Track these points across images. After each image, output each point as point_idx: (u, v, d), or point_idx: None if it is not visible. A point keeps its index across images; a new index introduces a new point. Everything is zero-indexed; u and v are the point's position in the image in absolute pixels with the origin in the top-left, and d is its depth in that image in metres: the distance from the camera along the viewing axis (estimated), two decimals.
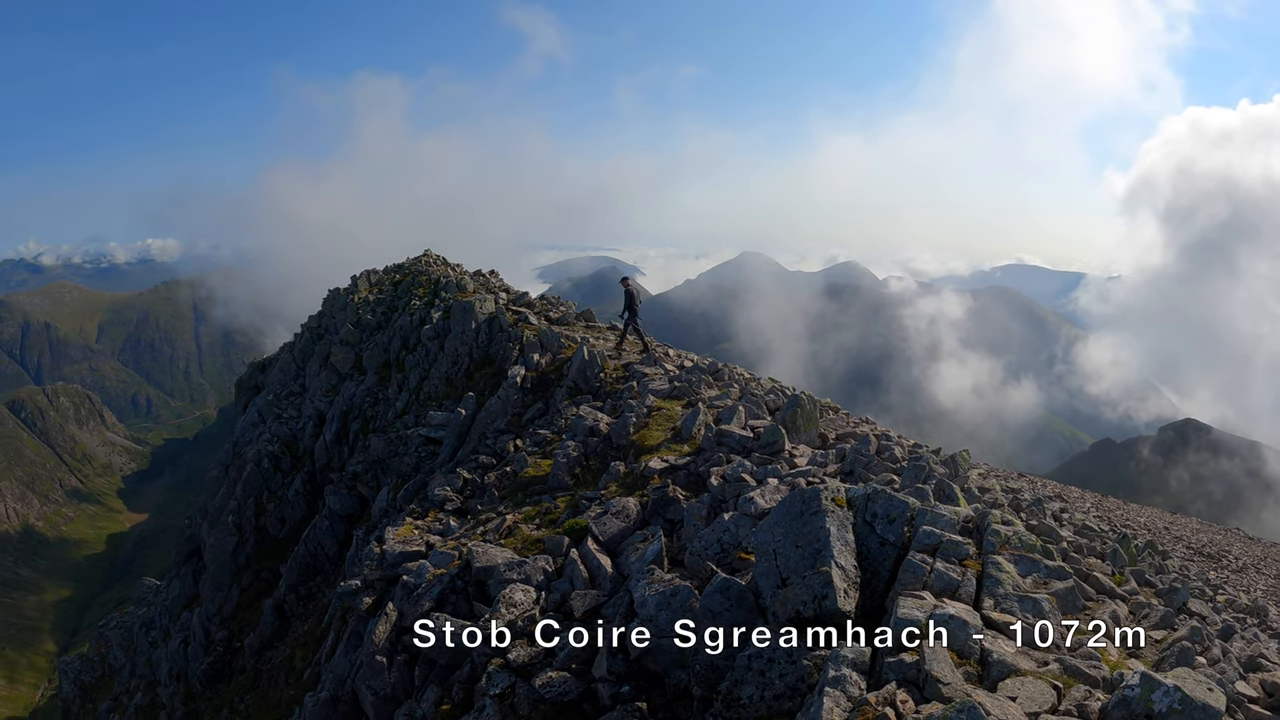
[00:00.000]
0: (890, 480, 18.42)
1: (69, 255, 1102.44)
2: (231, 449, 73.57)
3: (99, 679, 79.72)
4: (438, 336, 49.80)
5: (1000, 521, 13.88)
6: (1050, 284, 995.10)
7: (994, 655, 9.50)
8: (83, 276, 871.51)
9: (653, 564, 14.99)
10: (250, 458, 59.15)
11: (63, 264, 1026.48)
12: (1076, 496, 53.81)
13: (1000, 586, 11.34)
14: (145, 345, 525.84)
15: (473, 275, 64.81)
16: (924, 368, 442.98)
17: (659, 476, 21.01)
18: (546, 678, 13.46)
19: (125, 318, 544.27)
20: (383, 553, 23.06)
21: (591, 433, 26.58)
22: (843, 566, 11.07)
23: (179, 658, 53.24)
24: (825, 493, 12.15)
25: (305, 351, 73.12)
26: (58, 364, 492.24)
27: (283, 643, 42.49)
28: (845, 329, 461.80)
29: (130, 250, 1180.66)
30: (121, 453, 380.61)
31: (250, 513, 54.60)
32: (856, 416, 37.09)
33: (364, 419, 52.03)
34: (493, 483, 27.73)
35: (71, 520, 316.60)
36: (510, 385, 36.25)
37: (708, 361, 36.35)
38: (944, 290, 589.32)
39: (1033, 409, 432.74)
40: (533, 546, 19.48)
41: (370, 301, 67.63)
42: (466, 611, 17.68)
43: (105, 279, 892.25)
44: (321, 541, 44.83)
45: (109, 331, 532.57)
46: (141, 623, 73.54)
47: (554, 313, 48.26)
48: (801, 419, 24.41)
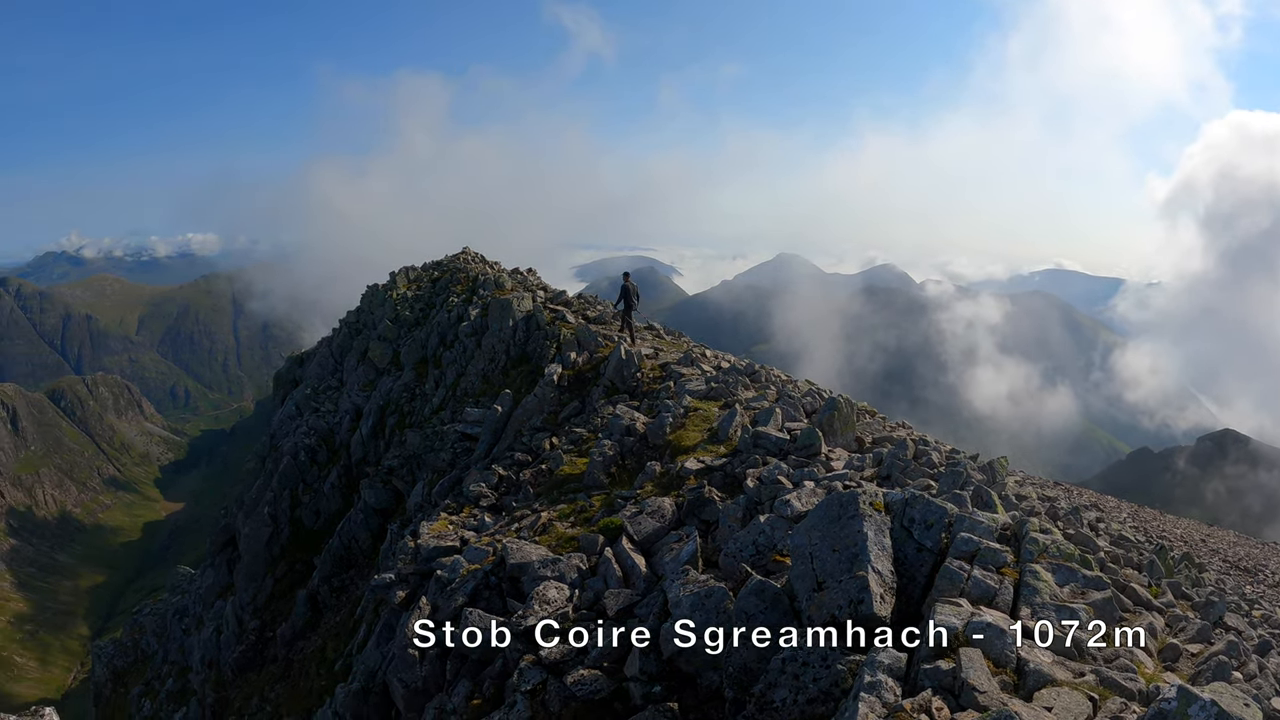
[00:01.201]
0: (927, 486, 18.29)
1: (110, 249, 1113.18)
2: (268, 441, 74.05)
3: (131, 664, 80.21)
4: (475, 334, 49.89)
5: (1038, 530, 13.77)
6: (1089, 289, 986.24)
7: (1030, 665, 9.45)
8: (123, 269, 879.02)
9: (687, 564, 14.99)
10: (287, 450, 59.48)
11: (104, 257, 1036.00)
12: (1113, 506, 53.38)
13: (1038, 595, 11.28)
14: (184, 338, 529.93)
15: (510, 273, 64.89)
16: (960, 373, 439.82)
17: (695, 477, 20.99)
18: (578, 675, 13.46)
19: (165, 310, 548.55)
20: (417, 547, 23.12)
21: (628, 432, 26.57)
22: (879, 571, 11.03)
23: (211, 645, 53.58)
24: (863, 497, 12.08)
25: (343, 346, 73.47)
26: (98, 355, 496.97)
27: (315, 633, 42.72)
28: (881, 332, 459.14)
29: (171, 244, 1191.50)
30: (159, 443, 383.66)
31: (286, 504, 54.91)
32: (892, 421, 36.96)
33: (400, 414, 52.22)
34: (528, 480, 27.77)
35: (108, 508, 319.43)
36: (547, 383, 36.27)
37: (745, 363, 36.31)
38: (981, 294, 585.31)
39: (1069, 416, 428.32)
40: (567, 544, 19.47)
41: (409, 298, 67.84)
42: (500, 608, 17.69)
43: (146, 272, 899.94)
44: (356, 534, 45.03)
45: (149, 324, 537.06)
46: (175, 610, 74.04)
47: (591, 312, 48.21)
48: (839, 422, 24.33)
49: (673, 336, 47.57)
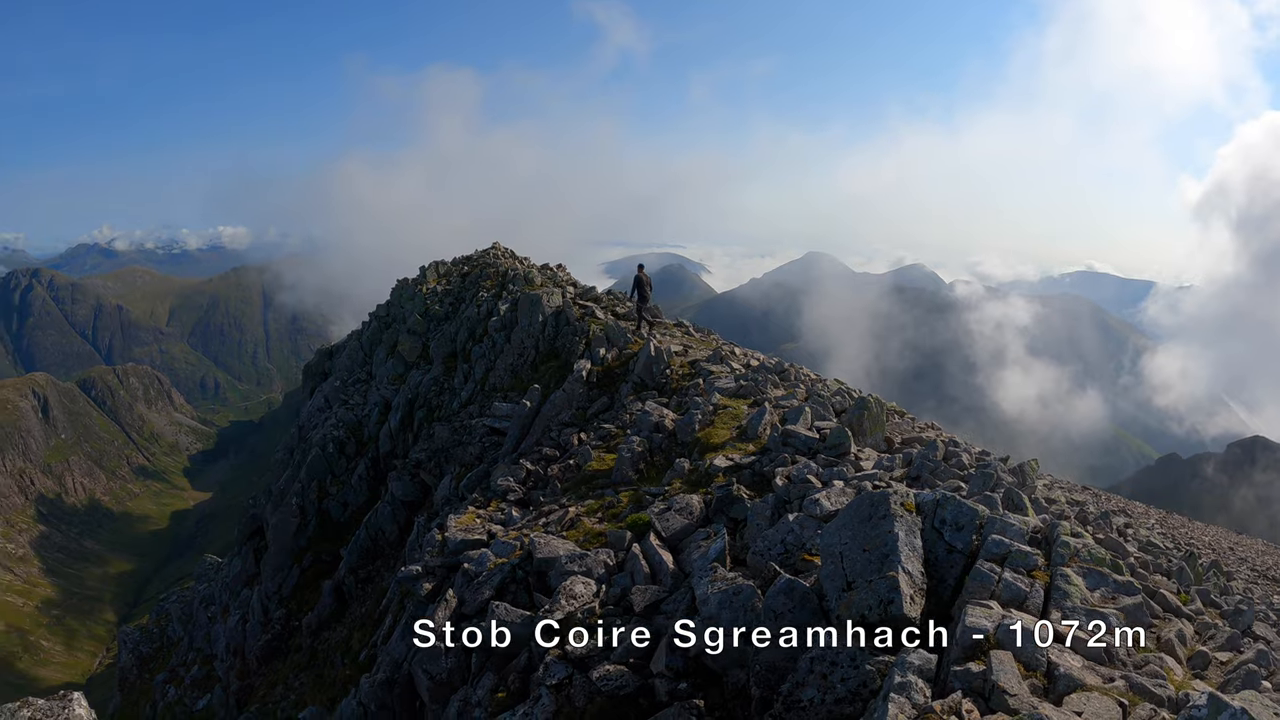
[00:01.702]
0: (957, 487, 18.22)
1: (142, 241, 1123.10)
2: (297, 433, 74.44)
3: (157, 650, 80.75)
4: (504, 328, 50.01)
5: (1070, 533, 13.70)
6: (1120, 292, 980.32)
7: (1061, 669, 9.40)
8: (155, 262, 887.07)
9: (715, 562, 14.94)
10: (316, 442, 59.82)
11: (135, 249, 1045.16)
12: (1140, 512, 53.09)
13: (1068, 599, 11.22)
14: (214, 330, 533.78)
15: (540, 269, 65.00)
16: (988, 374, 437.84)
17: (723, 475, 20.95)
18: (604, 670, 13.39)
19: (195, 302, 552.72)
20: (444, 540, 23.19)
21: (656, 428, 26.57)
22: (910, 572, 10.98)
23: (237, 634, 53.94)
24: (894, 497, 12.02)
25: (373, 340, 73.78)
26: (128, 345, 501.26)
27: (340, 624, 42.92)
28: (910, 332, 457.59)
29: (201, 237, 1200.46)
30: (188, 433, 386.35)
31: (313, 495, 55.20)
32: (922, 421, 36.86)
33: (429, 408, 52.42)
34: (556, 475, 27.82)
35: (137, 496, 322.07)
36: (576, 379, 36.31)
37: (774, 361, 36.27)
38: (1011, 295, 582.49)
39: (1098, 420, 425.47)
40: (594, 540, 19.48)
41: (438, 292, 68.07)
42: (526, 601, 17.76)
43: (177, 264, 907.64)
44: (383, 526, 45.21)
45: (179, 315, 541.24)
46: (201, 598, 74.49)
47: (620, 308, 48.23)
48: (868, 422, 24.27)
49: (702, 334, 47.55)
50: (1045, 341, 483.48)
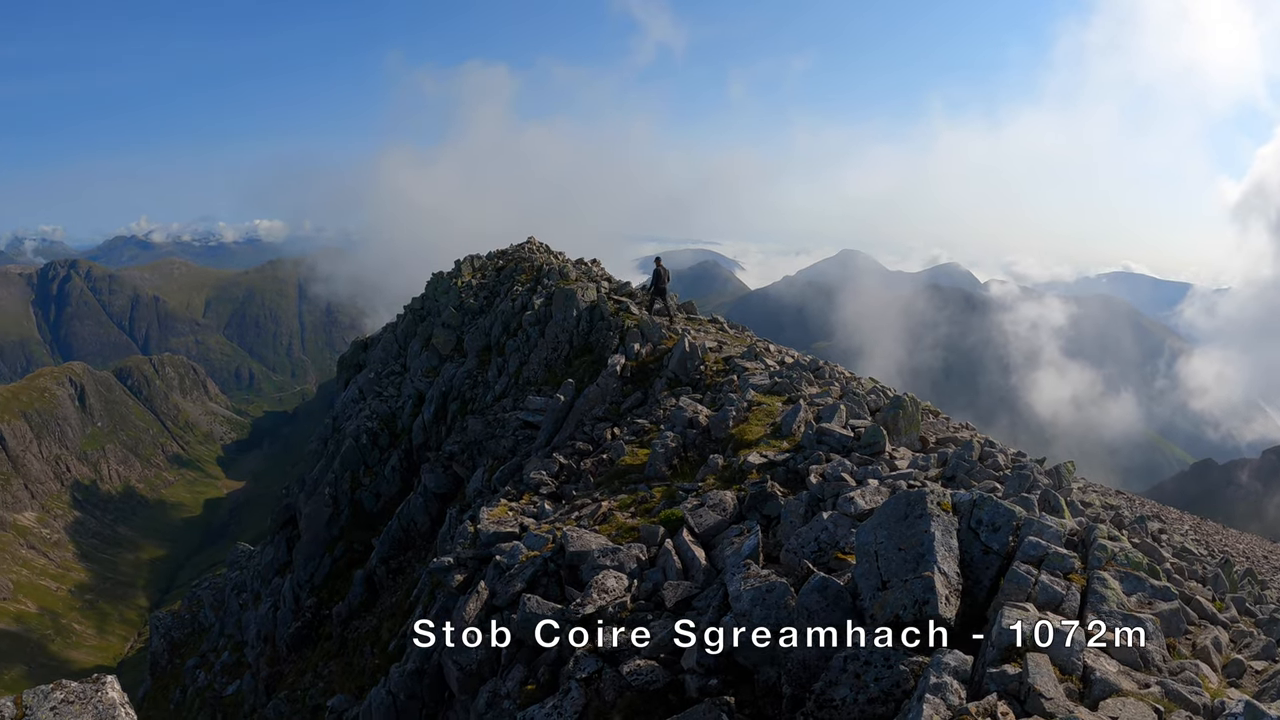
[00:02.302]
0: (993, 488, 18.08)
1: (179, 233, 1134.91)
2: (331, 424, 74.82)
3: (188, 636, 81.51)
4: (539, 323, 50.08)
5: (1107, 536, 13.60)
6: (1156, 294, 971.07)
7: (1096, 673, 9.33)
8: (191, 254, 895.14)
9: (749, 559, 14.92)
10: (349, 433, 60.15)
11: (172, 241, 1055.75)
12: (1175, 518, 52.72)
13: (1105, 603, 11.12)
14: (250, 321, 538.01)
15: (575, 263, 65.05)
16: (1022, 375, 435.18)
17: (757, 471, 20.89)
18: (634, 665, 13.43)
19: (231, 294, 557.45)
20: (477, 532, 23.25)
21: (690, 424, 26.54)
22: (945, 573, 10.92)
23: (268, 621, 54.33)
24: (931, 496, 11.95)
25: (407, 332, 74.05)
26: (165, 336, 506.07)
27: (370, 613, 43.12)
28: (943, 331, 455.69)
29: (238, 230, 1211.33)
30: (222, 422, 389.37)
31: (346, 486, 55.52)
32: (956, 421, 36.71)
33: (463, 400, 52.56)
34: (589, 469, 27.83)
35: (171, 484, 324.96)
36: (610, 373, 36.32)
37: (808, 359, 36.20)
38: (1046, 296, 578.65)
39: (1132, 424, 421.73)
40: (627, 534, 19.49)
41: (473, 286, 68.21)
42: (558, 595, 17.77)
43: (213, 257, 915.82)
44: (415, 517, 45.37)
45: (215, 307, 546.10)
46: (233, 585, 75.16)
47: (660, 304, 48.32)
48: (903, 421, 24.17)
49: (736, 330, 47.52)
50: (1080, 343, 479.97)
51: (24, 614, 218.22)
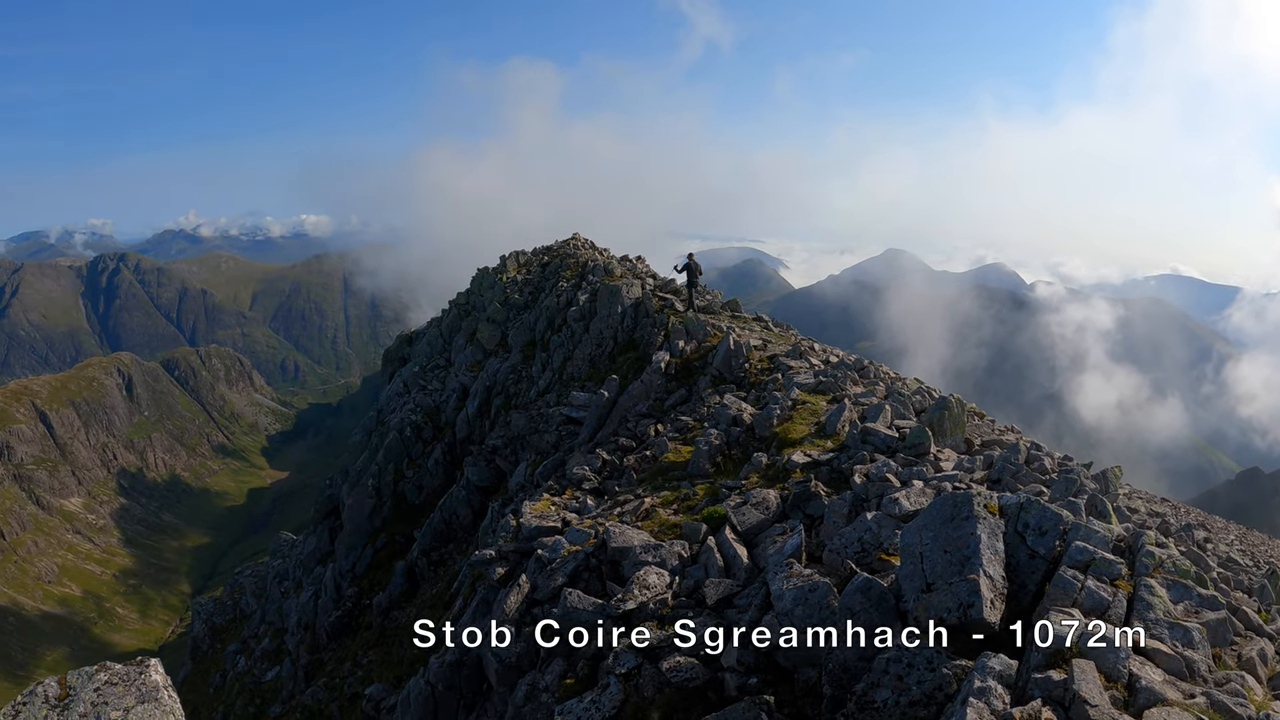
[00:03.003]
0: (1039, 492, 17.94)
1: (226, 228, 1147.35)
2: (376, 416, 75.31)
3: (229, 622, 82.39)
4: (583, 318, 50.14)
5: (1154, 543, 13.47)
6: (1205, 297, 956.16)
7: (1142, 681, 9.22)
8: (238, 248, 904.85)
9: (791, 558, 14.84)
10: (393, 426, 60.52)
11: (220, 236, 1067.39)
12: (1220, 527, 52.02)
13: (1151, 611, 10.99)
14: (295, 314, 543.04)
15: (620, 260, 65.06)
16: (1067, 378, 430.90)
17: (801, 470, 20.84)
18: (674, 662, 13.41)
19: (277, 288, 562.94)
20: (519, 526, 23.33)
21: (734, 422, 26.51)
22: (991, 576, 10.83)
23: (309, 609, 54.83)
24: (977, 498, 11.86)
25: (452, 327, 74.37)
26: (211, 328, 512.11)
27: (410, 604, 43.42)
28: (988, 333, 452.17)
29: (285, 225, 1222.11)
30: (267, 413, 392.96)
31: (390, 478, 55.87)
32: (1001, 424, 36.46)
33: (506, 395, 52.73)
34: (631, 465, 27.85)
35: (216, 473, 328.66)
36: (654, 370, 36.34)
37: (853, 358, 36.03)
38: (1093, 298, 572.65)
39: (1178, 430, 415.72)
40: (669, 531, 19.48)
41: (518, 281, 68.37)
42: (599, 590, 17.81)
43: (260, 251, 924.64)
44: (457, 510, 45.61)
45: (261, 300, 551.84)
46: (275, 573, 75.82)
47: (700, 301, 48.26)
48: (949, 422, 24.03)
49: (781, 329, 47.41)
50: (1127, 346, 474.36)
51: (68, 597, 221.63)
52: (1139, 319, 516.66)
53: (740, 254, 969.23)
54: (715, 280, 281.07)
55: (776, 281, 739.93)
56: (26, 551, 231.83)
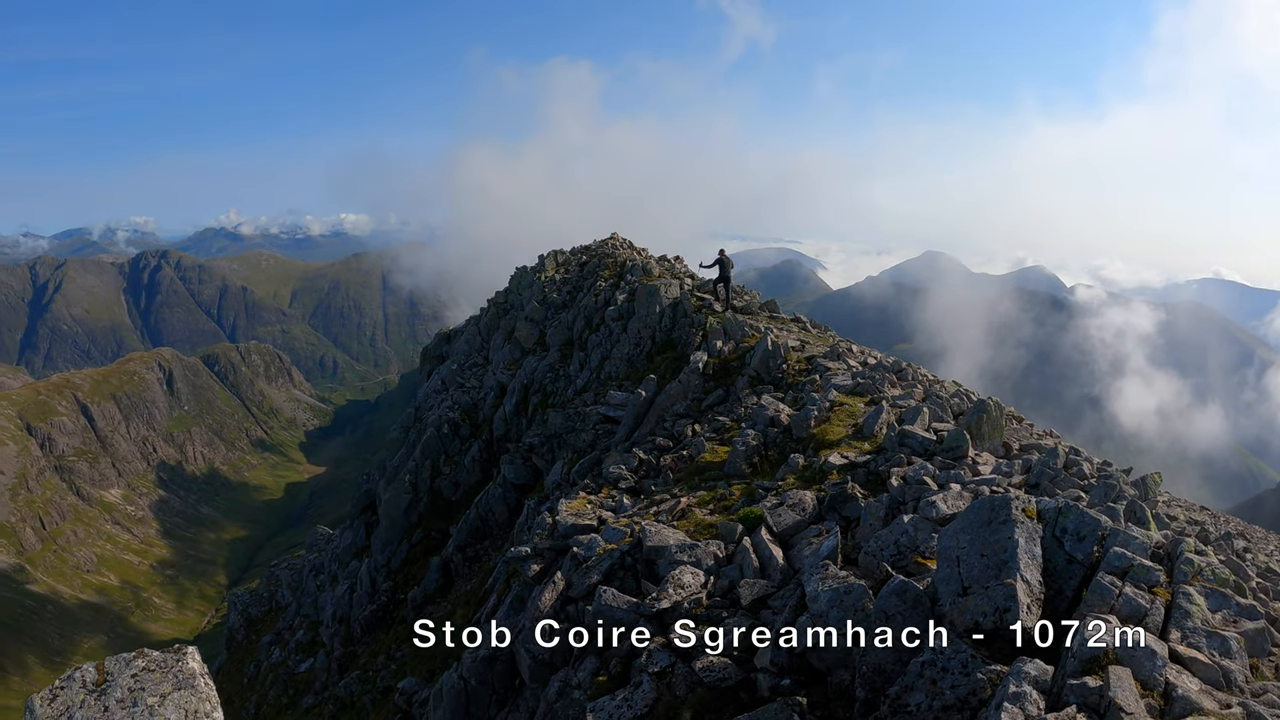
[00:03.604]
0: (1078, 497, 17.82)
1: (267, 226, 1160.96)
2: (413, 413, 75.67)
3: (265, 613, 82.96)
4: (621, 318, 50.20)
5: (1193, 550, 13.38)
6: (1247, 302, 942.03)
7: (1178, 690, 9.15)
8: (279, 246, 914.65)
9: (827, 559, 14.83)
10: (431, 422, 60.80)
11: (260, 234, 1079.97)
12: (1260, 536, 51.42)
13: (1189, 619, 10.91)
14: (335, 312, 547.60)
15: (658, 260, 65.04)
16: (1106, 383, 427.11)
17: (838, 472, 20.79)
18: (707, 661, 13.41)
19: (317, 285, 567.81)
20: (555, 523, 23.36)
21: (772, 423, 26.46)
22: (1028, 580, 10.78)
23: (344, 603, 55.29)
24: (1015, 502, 11.79)
25: (490, 325, 74.64)
26: (251, 324, 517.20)
27: (445, 599, 43.65)
28: (1027, 336, 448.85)
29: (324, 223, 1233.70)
30: (306, 409, 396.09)
31: (426, 474, 56.16)
32: (1040, 428, 36.25)
33: (544, 393, 52.87)
34: (668, 465, 27.85)
35: (254, 467, 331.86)
36: (692, 370, 36.33)
37: (891, 360, 35.90)
38: (1134, 301, 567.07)
39: (1218, 437, 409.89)
40: (705, 531, 19.46)
41: (556, 280, 68.52)
42: (634, 588, 17.83)
43: (299, 249, 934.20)
44: (493, 507, 45.76)
45: (301, 297, 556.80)
46: (311, 567, 76.36)
47: (738, 301, 48.18)
48: (987, 426, 23.93)
49: (819, 330, 47.31)
50: (1168, 352, 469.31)
51: (106, 586, 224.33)
52: (1180, 323, 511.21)
53: (778, 254, 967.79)
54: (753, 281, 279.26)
55: (814, 282, 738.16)
56: (66, 541, 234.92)
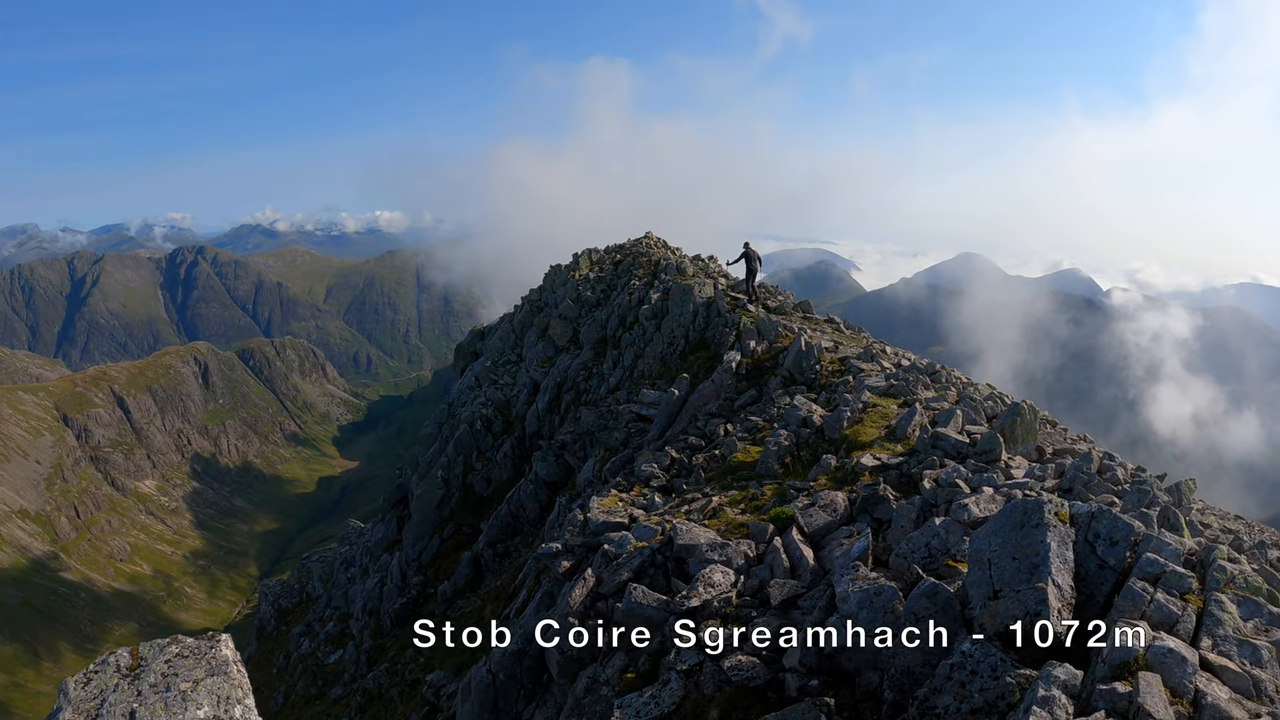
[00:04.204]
0: (1111, 502, 17.71)
1: (302, 223, 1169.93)
2: (447, 409, 75.98)
3: (295, 605, 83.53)
4: (655, 317, 50.23)
5: (1226, 558, 13.30)
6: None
7: (1208, 698, 9.11)
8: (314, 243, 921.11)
9: (858, 560, 14.82)
10: (464, 419, 61.03)
11: (296, 230, 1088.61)
12: None
13: (1220, 627, 10.85)
14: (369, 308, 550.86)
15: (692, 259, 65.02)
16: (1141, 389, 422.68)
17: (870, 474, 20.79)
18: (735, 660, 13.47)
19: (351, 282, 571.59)
20: (586, 520, 23.44)
21: (804, 423, 26.46)
22: (1059, 585, 10.76)
23: (374, 596, 55.63)
24: (1049, 506, 11.74)
25: (524, 323, 74.82)
26: (286, 320, 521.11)
27: (474, 594, 43.82)
28: (1061, 340, 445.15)
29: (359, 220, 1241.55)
30: (339, 404, 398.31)
31: (459, 470, 56.39)
32: (1073, 433, 36.06)
33: (577, 391, 52.97)
34: (700, 464, 27.89)
35: (287, 461, 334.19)
36: (725, 370, 36.34)
37: (924, 362, 35.77)
38: (1171, 306, 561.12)
39: (1254, 445, 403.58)
40: (736, 530, 19.49)
41: (590, 279, 68.58)
42: (664, 586, 17.91)
43: (335, 246, 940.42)
44: (524, 504, 45.91)
45: (336, 294, 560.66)
46: (342, 560, 76.82)
47: (772, 301, 48.11)
48: (1020, 429, 23.84)
49: (852, 331, 47.22)
50: (1204, 357, 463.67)
51: (139, 575, 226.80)
52: (1217, 329, 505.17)
53: (813, 255, 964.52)
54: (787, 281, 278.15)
55: (848, 283, 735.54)
56: (100, 530, 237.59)
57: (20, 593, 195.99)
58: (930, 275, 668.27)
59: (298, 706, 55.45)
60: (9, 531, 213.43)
